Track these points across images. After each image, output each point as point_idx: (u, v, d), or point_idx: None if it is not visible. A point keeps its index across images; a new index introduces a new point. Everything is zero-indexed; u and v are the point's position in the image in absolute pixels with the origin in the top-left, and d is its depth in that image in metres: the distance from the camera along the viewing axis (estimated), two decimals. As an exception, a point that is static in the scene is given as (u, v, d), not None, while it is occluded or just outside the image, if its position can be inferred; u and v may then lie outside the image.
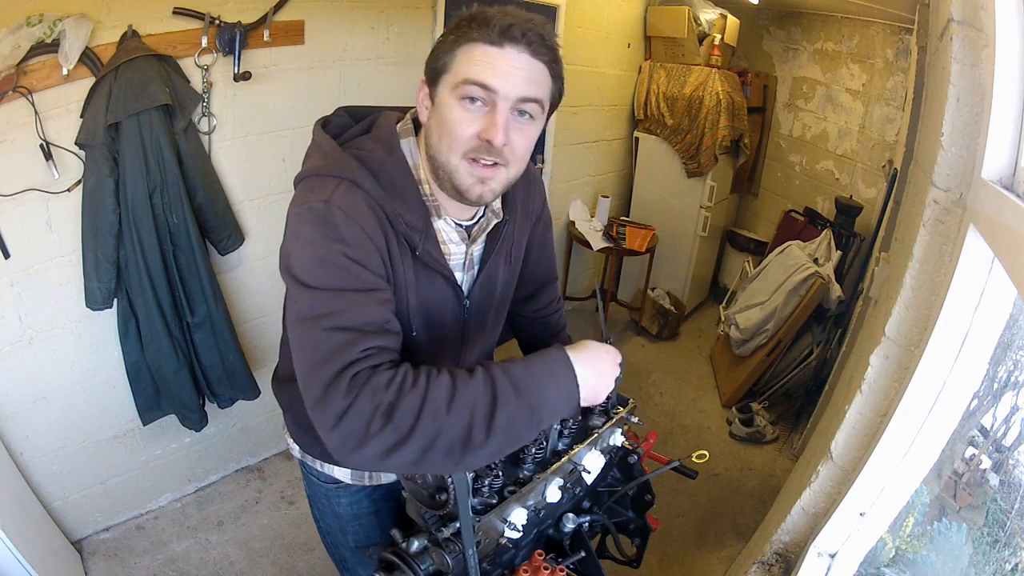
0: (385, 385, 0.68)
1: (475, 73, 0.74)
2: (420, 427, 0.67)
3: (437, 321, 0.92)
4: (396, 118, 0.89)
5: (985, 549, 0.98)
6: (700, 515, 2.39)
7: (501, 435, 0.70)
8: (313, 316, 0.73)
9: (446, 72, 0.77)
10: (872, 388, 1.16)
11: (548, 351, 0.77)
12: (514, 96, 0.76)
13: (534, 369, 0.73)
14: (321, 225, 0.75)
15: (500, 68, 0.74)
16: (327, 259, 0.74)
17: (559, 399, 0.74)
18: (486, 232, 0.94)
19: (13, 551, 1.48)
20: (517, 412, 0.70)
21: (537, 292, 1.19)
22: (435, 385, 0.70)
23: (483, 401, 0.70)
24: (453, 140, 0.78)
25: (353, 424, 0.67)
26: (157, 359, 1.83)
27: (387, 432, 0.67)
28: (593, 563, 0.98)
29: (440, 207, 0.87)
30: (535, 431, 0.74)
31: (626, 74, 3.57)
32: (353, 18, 2.11)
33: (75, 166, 1.62)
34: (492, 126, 0.76)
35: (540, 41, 0.76)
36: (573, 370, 0.75)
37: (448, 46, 0.77)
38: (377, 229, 0.79)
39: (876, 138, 3.17)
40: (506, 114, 0.76)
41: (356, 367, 0.70)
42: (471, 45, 0.75)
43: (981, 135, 0.81)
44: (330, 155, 0.82)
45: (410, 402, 0.68)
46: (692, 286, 3.84)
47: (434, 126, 0.80)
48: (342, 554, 1.18)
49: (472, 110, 0.76)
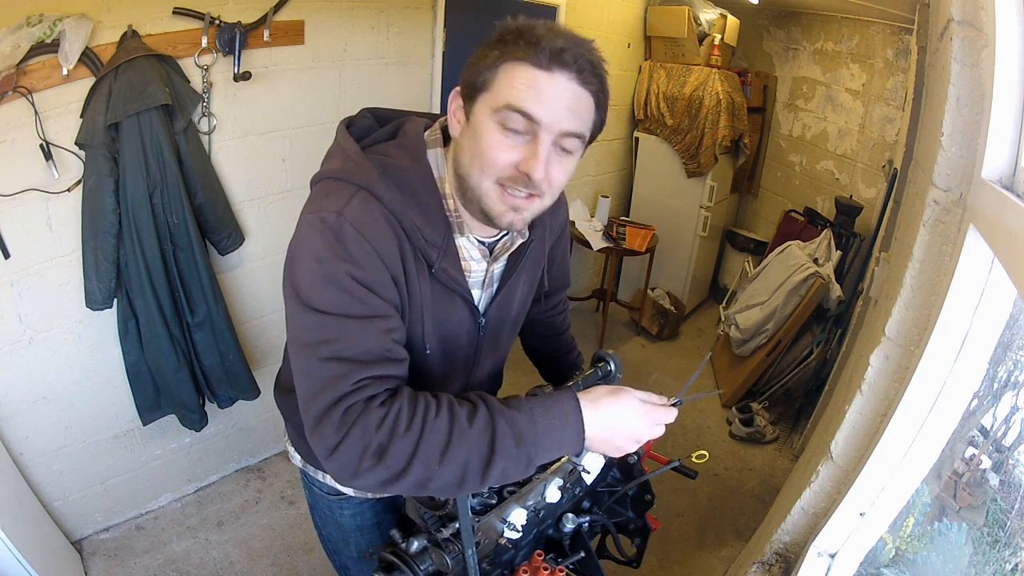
0: (376, 425, 0.67)
1: (519, 99, 0.69)
2: (412, 470, 0.67)
3: (451, 339, 0.89)
4: (424, 125, 0.84)
5: (985, 549, 0.98)
6: (700, 515, 2.39)
7: (496, 479, 0.70)
8: (312, 343, 0.71)
9: (485, 90, 0.72)
10: (872, 388, 1.16)
11: (559, 400, 0.74)
12: (557, 129, 0.71)
13: (539, 421, 0.71)
14: (331, 240, 0.71)
15: (546, 96, 0.69)
16: (332, 280, 0.71)
17: (560, 449, 0.73)
18: (509, 251, 0.89)
19: (13, 551, 1.48)
20: (514, 463, 0.70)
21: (548, 296, 1.18)
22: (430, 431, 0.68)
23: (479, 452, 0.69)
24: (486, 164, 0.73)
25: (345, 458, 0.67)
26: (157, 359, 1.83)
27: (379, 470, 0.67)
28: (593, 563, 0.98)
29: (464, 224, 0.82)
30: (529, 473, 0.74)
31: (626, 74, 3.57)
32: (353, 18, 2.11)
33: (75, 166, 1.62)
34: (533, 159, 0.71)
35: (591, 69, 0.70)
36: (582, 424, 0.73)
37: (491, 61, 0.71)
38: (392, 245, 0.75)
39: (876, 138, 3.17)
40: (548, 147, 0.71)
41: (349, 400, 0.68)
42: (516, 65, 0.69)
43: (981, 135, 0.81)
44: (352, 159, 0.77)
45: (402, 446, 0.67)
46: (692, 286, 3.84)
47: (466, 145, 0.75)
48: (344, 563, 1.17)
49: (511, 137, 0.71)
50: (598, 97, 0.74)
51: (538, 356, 1.27)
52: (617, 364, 1.00)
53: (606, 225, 3.47)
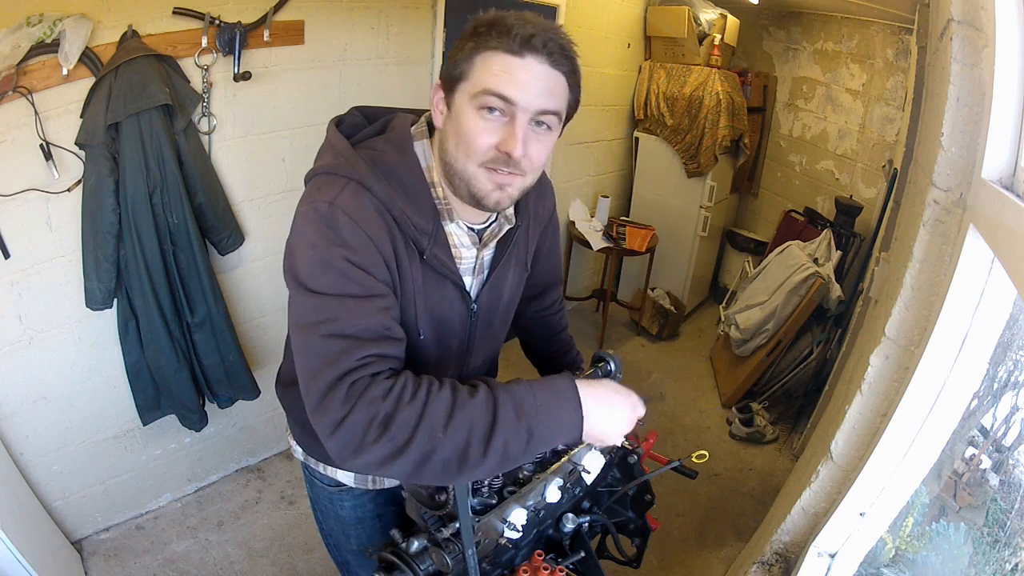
0: (383, 396, 0.69)
1: (494, 84, 0.74)
2: (416, 441, 0.68)
3: (444, 325, 0.92)
4: (411, 120, 0.89)
5: (985, 549, 0.98)
6: (700, 515, 2.39)
7: (498, 456, 0.70)
8: (313, 322, 0.73)
9: (464, 80, 0.76)
10: (872, 388, 1.16)
11: (558, 378, 0.76)
12: (533, 108, 0.75)
13: (539, 395, 0.73)
14: (324, 227, 0.75)
15: (519, 79, 0.74)
16: (329, 263, 0.74)
17: (559, 429, 0.74)
18: (497, 238, 0.93)
19: (13, 551, 1.48)
20: (515, 435, 0.71)
21: (542, 294, 1.20)
22: (434, 400, 0.70)
23: (482, 421, 0.70)
24: (470, 149, 0.77)
25: (350, 432, 0.68)
26: (157, 359, 1.83)
27: (383, 443, 0.68)
28: (593, 563, 0.98)
29: (453, 211, 0.86)
30: (530, 455, 0.74)
31: (626, 74, 3.56)
32: (353, 18, 2.11)
33: (75, 166, 1.62)
34: (511, 138, 0.75)
35: (560, 52, 0.75)
36: (579, 401, 0.74)
37: (467, 53, 0.76)
38: (383, 232, 0.78)
39: (876, 138, 3.17)
40: (525, 126, 0.76)
41: (354, 375, 0.70)
42: (490, 53, 0.74)
43: (981, 135, 0.81)
44: (341, 154, 0.81)
45: (407, 415, 0.68)
46: (692, 286, 3.84)
47: (450, 133, 0.79)
48: (344, 557, 1.17)
49: (490, 120, 0.76)
50: (570, 78, 0.78)
51: (537, 356, 1.28)
52: (617, 364, 1.00)
53: (606, 225, 3.47)
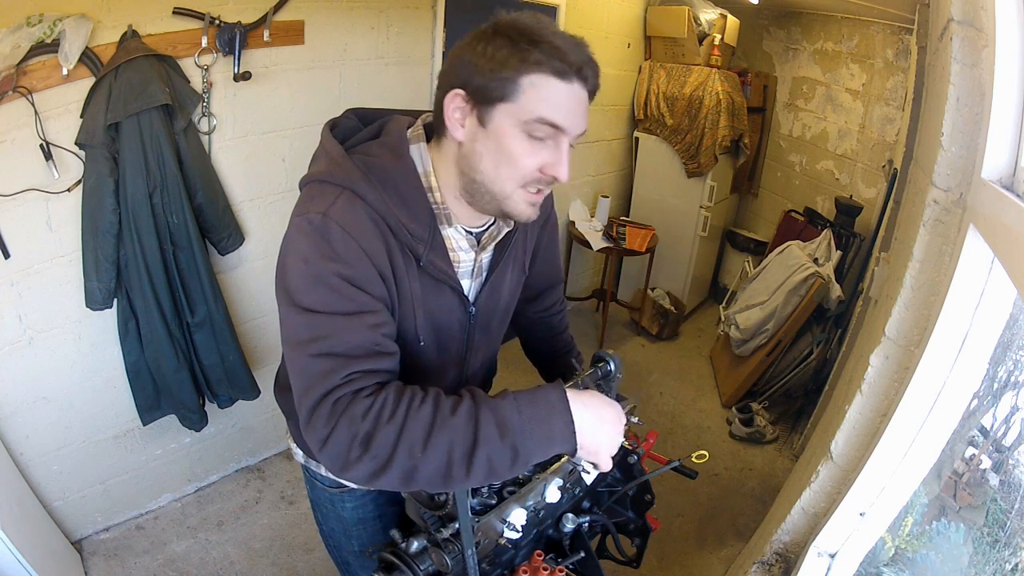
0: (363, 414, 0.68)
1: (550, 113, 0.73)
2: (397, 459, 0.68)
3: (443, 330, 0.92)
4: (407, 123, 0.86)
5: (985, 549, 0.98)
6: (700, 515, 2.39)
7: (482, 472, 0.70)
8: (304, 340, 0.73)
9: (508, 100, 0.73)
10: (872, 388, 1.16)
11: (546, 391, 0.74)
12: (576, 132, 0.77)
13: (524, 411, 0.71)
14: (317, 240, 0.74)
15: (570, 107, 0.75)
16: (320, 279, 0.73)
17: (549, 444, 0.73)
18: (496, 240, 0.92)
19: (13, 551, 1.48)
20: (499, 453, 0.70)
21: (542, 294, 1.19)
22: (413, 418, 0.69)
23: (462, 440, 0.69)
24: (516, 172, 0.77)
25: (336, 449, 0.69)
26: (157, 359, 1.83)
27: (366, 460, 0.68)
28: (593, 563, 0.98)
29: (451, 215, 0.85)
30: (522, 469, 0.73)
31: (626, 74, 3.57)
32: (353, 18, 2.11)
33: (75, 166, 1.62)
34: (559, 164, 0.77)
35: (594, 77, 0.76)
36: (570, 415, 0.73)
37: (510, 69, 0.72)
38: (378, 243, 0.77)
39: (876, 138, 3.17)
40: (567, 150, 0.78)
41: (338, 392, 0.70)
42: (539, 77, 0.72)
43: (981, 135, 0.81)
44: (335, 161, 0.80)
45: (386, 434, 0.68)
46: (692, 286, 3.84)
47: (485, 152, 0.77)
48: (345, 558, 1.17)
49: (537, 144, 0.76)
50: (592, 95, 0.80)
51: (538, 357, 1.27)
52: (617, 364, 1.00)
53: (606, 225, 3.47)
